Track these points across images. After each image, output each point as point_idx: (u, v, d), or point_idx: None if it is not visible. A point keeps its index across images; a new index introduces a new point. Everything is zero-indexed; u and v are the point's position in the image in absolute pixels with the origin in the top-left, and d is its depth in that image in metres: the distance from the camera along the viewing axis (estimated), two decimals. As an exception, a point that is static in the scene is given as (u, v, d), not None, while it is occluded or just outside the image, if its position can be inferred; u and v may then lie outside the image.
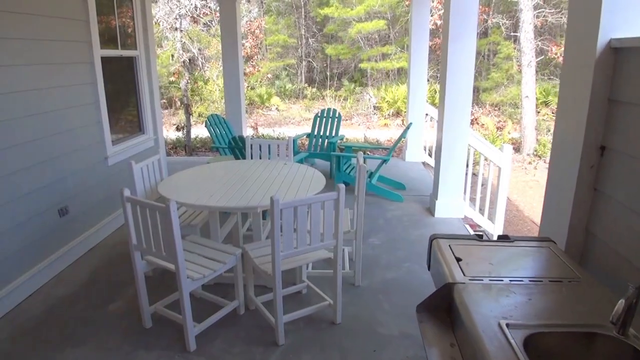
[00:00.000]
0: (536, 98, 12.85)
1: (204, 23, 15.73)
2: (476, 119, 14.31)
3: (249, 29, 16.66)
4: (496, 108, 15.90)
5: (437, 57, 16.55)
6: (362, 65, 18.42)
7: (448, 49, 4.45)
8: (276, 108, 17.75)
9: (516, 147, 12.02)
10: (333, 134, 6.75)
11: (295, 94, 19.14)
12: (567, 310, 1.52)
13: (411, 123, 6.04)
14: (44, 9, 3.59)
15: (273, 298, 2.69)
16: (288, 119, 16.78)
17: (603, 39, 1.91)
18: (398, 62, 17.54)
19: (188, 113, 12.44)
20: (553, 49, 13.04)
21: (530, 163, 11.23)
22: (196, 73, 15.76)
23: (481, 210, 5.24)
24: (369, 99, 16.99)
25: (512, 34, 16.53)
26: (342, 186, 2.67)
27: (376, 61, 18.27)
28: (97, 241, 4.33)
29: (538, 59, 12.88)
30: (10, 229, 3.24)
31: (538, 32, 14.23)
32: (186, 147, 11.84)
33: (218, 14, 9.77)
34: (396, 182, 6.01)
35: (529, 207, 8.38)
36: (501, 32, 16.63)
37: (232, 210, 3.08)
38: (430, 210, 5.12)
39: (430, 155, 7.46)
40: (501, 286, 1.62)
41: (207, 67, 16.06)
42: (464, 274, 1.68)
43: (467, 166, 5.10)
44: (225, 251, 2.94)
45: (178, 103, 16.46)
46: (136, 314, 3.04)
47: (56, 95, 3.75)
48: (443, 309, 1.66)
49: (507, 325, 1.37)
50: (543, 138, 12.43)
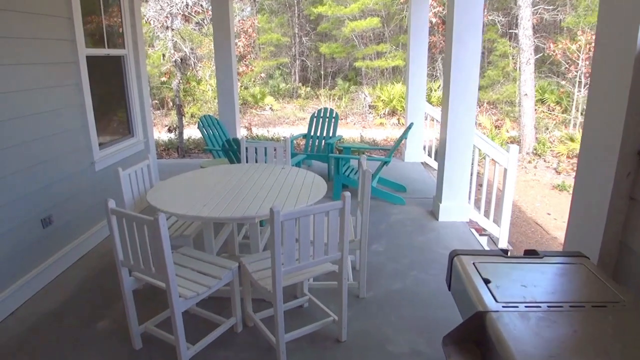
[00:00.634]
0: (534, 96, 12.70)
1: (196, 22, 15.44)
2: (473, 118, 14.12)
3: (242, 28, 16.40)
4: (492, 106, 15.76)
5: (432, 55, 16.39)
6: (357, 63, 18.21)
7: (452, 44, 4.24)
8: (270, 108, 17.50)
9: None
10: (330, 135, 6.53)
11: (289, 94, 18.91)
12: (619, 344, 1.32)
13: (412, 123, 5.84)
14: (18, 4, 3.30)
15: (274, 315, 2.47)
16: (282, 119, 16.55)
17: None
18: (393, 61, 17.36)
19: (180, 114, 12.14)
20: (551, 46, 12.87)
21: (530, 162, 11.07)
22: (188, 73, 15.45)
23: (486, 212, 5.05)
24: (364, 98, 16.78)
25: (508, 31, 16.41)
26: (348, 194, 2.45)
27: (371, 60, 18.07)
28: (85, 251, 4.09)
29: (537, 56, 12.72)
30: (-14, 243, 2.99)
31: (534, 30, 14.08)
32: (179, 149, 11.55)
33: (210, 13, 9.52)
34: (397, 184, 5.80)
35: (532, 208, 8.19)
36: (497, 30, 16.50)
37: (227, 221, 2.86)
38: (433, 213, 4.92)
39: (430, 155, 7.28)
40: (540, 314, 1.41)
41: (200, 67, 15.76)
42: (496, 300, 1.47)
43: (472, 167, 4.89)
44: (220, 265, 2.71)
45: (170, 104, 16.16)
46: (126, 333, 2.80)
47: (36, 97, 3.50)
48: (472, 341, 1.45)
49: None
50: (542, 136, 12.28)
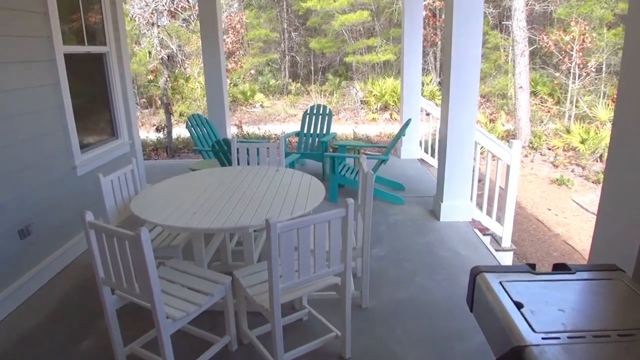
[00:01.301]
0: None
1: (184, 18, 15.09)
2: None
3: (230, 24, 16.08)
4: (486, 99, 15.61)
5: (424, 49, 16.19)
6: (347, 58, 17.94)
7: (452, 36, 4.03)
8: (260, 105, 17.21)
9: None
10: (324, 132, 6.31)
11: (279, 90, 18.62)
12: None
13: (410, 119, 5.63)
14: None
15: (271, 333, 2.26)
16: (273, 116, 16.28)
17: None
18: (384, 55, 17.13)
19: (168, 113, 11.81)
20: (544, 38, 12.72)
21: (526, 156, 10.93)
22: (176, 70, 15.10)
23: (488, 210, 4.86)
24: (356, 93, 16.55)
25: (500, 23, 16.25)
26: (351, 201, 2.24)
27: (361, 54, 17.83)
28: (67, 262, 3.83)
29: (531, 48, 12.56)
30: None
31: (526, 21, 13.93)
32: (167, 149, 11.23)
33: (197, 9, 9.22)
34: (395, 183, 5.60)
35: (532, 204, 8.03)
36: (488, 22, 16.32)
37: (219, 231, 2.64)
38: (434, 213, 4.72)
39: (426, 151, 7.08)
40: (587, 347, 1.21)
41: (188, 64, 15.42)
42: (534, 330, 1.27)
43: (474, 165, 4.70)
44: (212, 280, 2.49)
45: (158, 102, 15.80)
46: (111, 354, 2.57)
47: (10, 99, 3.23)
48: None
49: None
50: (538, 129, 12.14)
